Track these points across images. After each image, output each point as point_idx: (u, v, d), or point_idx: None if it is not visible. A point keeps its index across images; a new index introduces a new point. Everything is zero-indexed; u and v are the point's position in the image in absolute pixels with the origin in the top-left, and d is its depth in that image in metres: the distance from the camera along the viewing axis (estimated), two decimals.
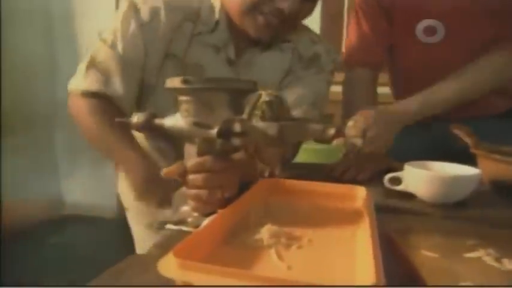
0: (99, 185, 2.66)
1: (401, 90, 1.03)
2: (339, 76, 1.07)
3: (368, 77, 1.08)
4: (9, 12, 2.27)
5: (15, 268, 1.92)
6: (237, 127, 0.42)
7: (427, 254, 0.41)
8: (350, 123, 0.44)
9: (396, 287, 0.36)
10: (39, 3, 2.49)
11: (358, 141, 0.43)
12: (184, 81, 0.44)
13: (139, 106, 0.84)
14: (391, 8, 1.02)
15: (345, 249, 0.44)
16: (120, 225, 2.52)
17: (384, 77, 1.18)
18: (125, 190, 0.98)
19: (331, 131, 0.43)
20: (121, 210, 2.78)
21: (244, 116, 0.45)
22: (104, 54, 0.77)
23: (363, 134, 0.43)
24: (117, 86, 0.76)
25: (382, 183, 0.72)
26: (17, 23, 2.35)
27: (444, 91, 0.88)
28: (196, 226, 0.50)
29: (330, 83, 0.93)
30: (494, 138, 0.79)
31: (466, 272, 0.37)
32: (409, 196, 0.70)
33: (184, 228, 0.51)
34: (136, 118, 0.53)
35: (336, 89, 1.11)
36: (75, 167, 2.70)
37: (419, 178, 0.67)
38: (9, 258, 2.01)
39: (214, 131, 0.44)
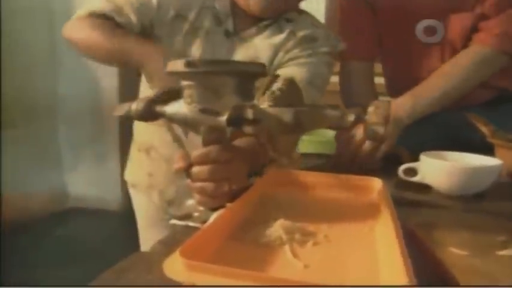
0: (102, 177, 2.65)
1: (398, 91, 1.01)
2: (337, 66, 1.06)
3: (363, 70, 1.08)
4: (11, 6, 2.24)
5: (19, 261, 1.91)
6: (249, 113, 0.38)
7: (455, 252, 0.38)
8: (371, 109, 0.40)
9: None
10: None
11: (380, 129, 0.39)
12: (188, 64, 0.40)
13: None
14: (374, 4, 1.03)
15: (365, 245, 0.41)
16: (124, 218, 2.53)
17: (377, 67, 1.16)
18: (135, 168, 0.97)
19: (351, 118, 0.39)
20: (125, 202, 2.78)
21: (255, 101, 0.41)
22: None
23: (385, 121, 0.39)
24: (127, 18, 0.78)
25: (395, 174, 0.69)
26: (18, 16, 2.32)
27: (431, 95, 0.87)
28: (203, 221, 0.47)
29: (330, 65, 0.91)
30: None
31: (502, 272, 0.34)
32: (424, 188, 0.67)
33: (190, 223, 0.48)
34: (135, 105, 0.49)
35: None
36: (78, 160, 2.69)
37: (438, 169, 0.63)
38: (14, 250, 2.00)
39: (223, 118, 0.40)
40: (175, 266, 0.31)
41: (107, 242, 2.14)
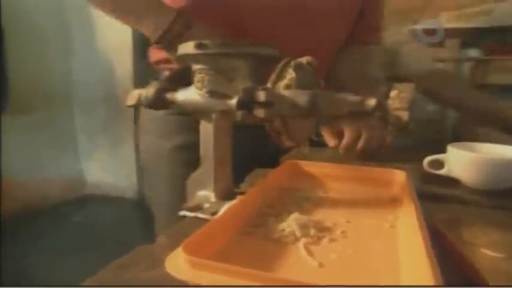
0: (118, 164, 2.68)
1: None
2: None
3: None
4: None
5: (36, 246, 1.95)
6: (261, 96, 0.35)
7: (488, 254, 0.34)
8: (393, 93, 0.36)
9: None
10: None
11: (404, 115, 0.35)
12: (199, 46, 0.38)
13: None
14: None
15: (385, 243, 0.38)
16: (139, 205, 2.56)
17: None
18: None
19: (371, 103, 0.36)
20: (140, 189, 2.80)
21: (269, 84, 0.38)
22: None
23: (409, 107, 0.35)
24: None
25: (420, 167, 0.65)
26: (31, 4, 2.33)
27: None
28: (214, 213, 0.45)
29: None
30: None
31: None
32: (451, 182, 0.62)
33: (200, 215, 0.45)
34: (145, 93, 0.47)
35: None
36: (94, 147, 2.72)
37: (467, 161, 0.59)
38: (30, 235, 2.05)
39: (233, 101, 0.37)
40: (178, 263, 0.29)
41: (122, 228, 2.17)
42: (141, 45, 2.57)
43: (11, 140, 2.24)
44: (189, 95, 0.44)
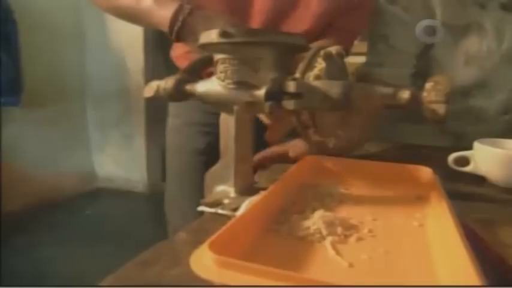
0: (129, 159, 2.69)
1: None
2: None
3: None
4: None
5: (49, 238, 1.97)
6: (291, 86, 0.33)
7: None
8: (428, 85, 0.34)
9: None
10: None
11: (441, 108, 0.33)
12: (223, 34, 0.36)
13: None
14: None
15: (415, 242, 0.36)
16: (150, 198, 2.57)
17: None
18: None
19: (405, 95, 0.34)
20: (150, 184, 2.82)
21: (297, 74, 0.36)
22: None
23: (447, 99, 0.33)
24: None
25: (444, 164, 0.62)
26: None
27: None
28: (234, 209, 0.43)
29: None
30: None
31: None
32: (478, 179, 0.60)
33: (220, 211, 0.44)
34: (163, 84, 0.45)
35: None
36: (106, 141, 2.74)
37: (494, 158, 0.56)
38: (43, 228, 2.07)
39: (261, 92, 0.35)
40: (203, 261, 0.27)
41: (133, 221, 2.18)
42: (153, 40, 2.56)
43: (25, 134, 2.26)
44: (211, 86, 0.42)
